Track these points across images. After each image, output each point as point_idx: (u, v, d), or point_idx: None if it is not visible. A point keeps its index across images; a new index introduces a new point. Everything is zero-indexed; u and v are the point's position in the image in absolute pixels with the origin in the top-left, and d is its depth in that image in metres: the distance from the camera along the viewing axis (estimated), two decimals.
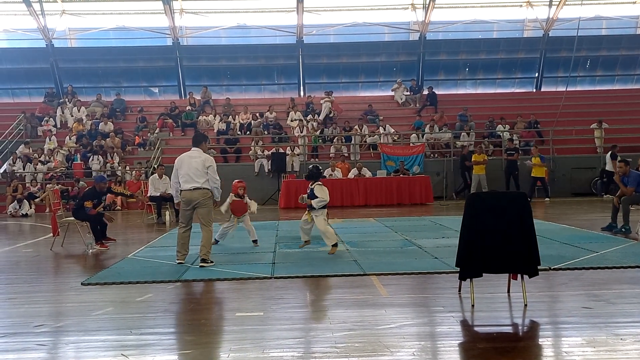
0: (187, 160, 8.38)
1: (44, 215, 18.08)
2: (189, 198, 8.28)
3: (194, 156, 8.39)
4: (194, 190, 8.24)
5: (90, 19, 26.54)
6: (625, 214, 11.02)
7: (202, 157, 8.39)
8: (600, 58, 27.92)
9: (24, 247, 11.41)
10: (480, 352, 4.65)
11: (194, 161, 8.31)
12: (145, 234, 12.99)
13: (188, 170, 8.28)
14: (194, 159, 8.34)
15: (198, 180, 8.24)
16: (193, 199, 8.26)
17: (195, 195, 8.24)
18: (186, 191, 8.28)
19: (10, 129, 23.16)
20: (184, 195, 8.33)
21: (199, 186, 8.25)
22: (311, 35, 26.98)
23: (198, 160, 8.30)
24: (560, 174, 21.05)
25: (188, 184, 8.26)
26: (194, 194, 8.24)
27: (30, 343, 5.09)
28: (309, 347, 4.84)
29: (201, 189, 8.26)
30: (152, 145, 22.29)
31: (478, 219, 5.90)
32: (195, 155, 8.39)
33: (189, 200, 8.29)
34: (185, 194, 8.30)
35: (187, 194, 8.28)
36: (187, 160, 8.37)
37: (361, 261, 8.36)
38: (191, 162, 8.31)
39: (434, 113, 24.54)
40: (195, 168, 8.25)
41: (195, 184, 8.24)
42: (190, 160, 8.35)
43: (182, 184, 8.34)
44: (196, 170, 8.24)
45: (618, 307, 5.82)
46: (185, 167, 8.32)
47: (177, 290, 6.96)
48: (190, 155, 8.42)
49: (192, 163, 8.30)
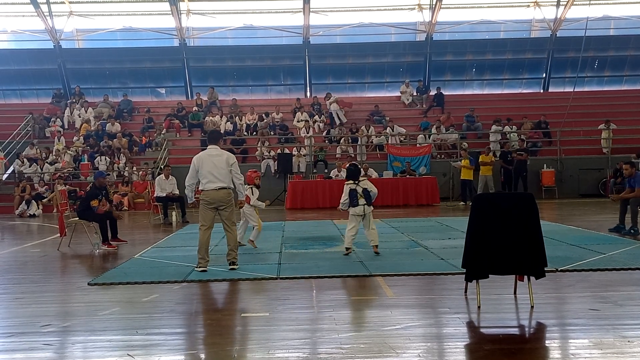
0: (208, 159, 7.96)
1: (51, 215, 18.15)
2: (215, 198, 7.88)
3: (214, 154, 8.00)
4: (220, 190, 7.87)
5: (97, 20, 26.66)
6: (634, 215, 10.96)
7: (224, 154, 8.04)
8: (608, 58, 27.78)
9: (31, 247, 11.46)
10: (487, 354, 4.63)
11: (217, 159, 7.91)
12: (152, 234, 13.02)
13: (211, 169, 7.86)
14: (216, 157, 7.95)
15: (223, 180, 7.88)
16: (218, 199, 7.88)
17: (220, 195, 7.88)
18: (211, 191, 7.88)
19: (18, 130, 23.27)
20: (208, 195, 7.91)
21: (224, 186, 7.90)
22: (317, 35, 27.00)
23: (221, 159, 7.93)
24: (567, 175, 20.98)
25: (212, 184, 7.87)
26: (219, 194, 7.87)
27: (37, 343, 5.11)
28: (314, 348, 4.84)
29: (226, 188, 7.92)
30: (158, 145, 22.34)
31: (484, 220, 5.87)
32: (216, 154, 8.01)
33: (215, 200, 7.89)
34: (210, 194, 7.90)
35: (212, 194, 7.88)
36: (208, 159, 7.95)
37: (367, 262, 8.35)
38: (213, 161, 7.91)
39: (440, 114, 24.50)
40: (220, 167, 7.87)
41: (220, 184, 7.87)
42: (211, 158, 7.94)
43: (204, 184, 7.92)
44: (220, 169, 7.87)
45: (626, 309, 5.78)
46: (208, 166, 7.89)
47: (183, 291, 6.96)
48: (211, 154, 8.02)
49: (214, 162, 7.90)
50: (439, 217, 14.66)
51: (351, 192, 8.80)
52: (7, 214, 18.99)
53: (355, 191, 8.79)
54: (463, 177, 18.82)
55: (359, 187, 8.81)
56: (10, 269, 9.06)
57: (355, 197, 8.77)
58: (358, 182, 8.87)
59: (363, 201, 8.77)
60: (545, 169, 20.72)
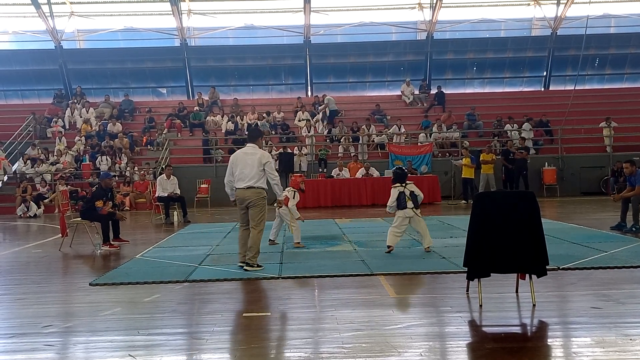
0: (242, 157, 7.96)
1: (52, 216, 18.15)
2: (242, 197, 7.91)
3: (249, 153, 7.97)
4: (247, 189, 7.85)
5: (98, 21, 26.68)
6: (635, 213, 10.95)
7: (258, 153, 7.97)
8: (608, 56, 27.76)
9: (33, 247, 11.47)
10: (489, 352, 4.62)
11: (250, 158, 7.89)
12: (154, 234, 13.03)
13: (243, 168, 7.89)
14: (250, 155, 7.92)
15: (252, 179, 7.84)
16: (246, 198, 7.88)
17: (248, 194, 7.85)
18: (240, 189, 7.90)
19: (19, 130, 23.30)
20: (237, 193, 7.95)
21: (253, 185, 7.84)
22: (318, 35, 27.00)
23: (254, 158, 7.88)
24: (569, 173, 20.96)
25: (242, 183, 7.88)
26: (246, 193, 7.86)
27: (38, 343, 5.11)
28: (316, 348, 4.83)
29: (255, 187, 7.85)
30: (160, 145, 22.36)
31: (486, 218, 5.87)
32: (250, 152, 7.97)
33: (242, 199, 7.91)
34: (239, 192, 7.93)
35: (241, 193, 7.90)
36: (242, 158, 7.95)
37: (369, 261, 8.34)
38: (246, 160, 7.90)
39: (441, 112, 24.48)
40: (251, 166, 7.84)
41: (248, 183, 7.84)
42: (245, 157, 7.94)
43: (236, 182, 7.96)
44: (251, 169, 7.83)
45: (628, 307, 5.77)
46: (241, 164, 7.92)
47: (185, 291, 6.96)
48: (246, 152, 8.01)
49: (247, 160, 7.89)
50: (441, 216, 14.64)
51: (400, 195, 8.97)
52: (8, 215, 19.01)
53: (404, 194, 8.97)
54: (464, 175, 18.80)
55: (406, 190, 9.00)
56: (12, 269, 9.07)
57: (404, 200, 8.94)
58: (405, 184, 9.07)
59: (411, 204, 8.93)
60: (547, 167, 20.72)
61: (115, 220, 11.00)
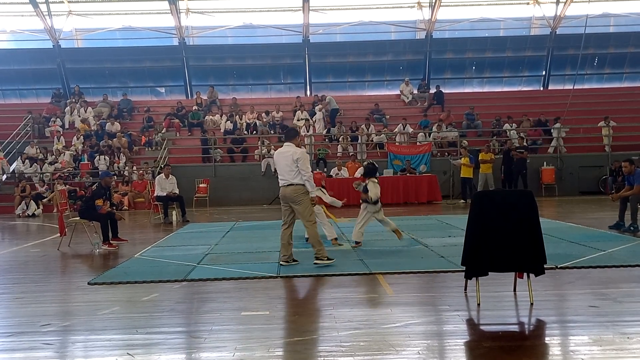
0: (279, 156, 8.22)
1: (51, 215, 18.16)
2: (283, 195, 8.12)
3: (284, 152, 8.17)
4: (287, 187, 8.04)
5: (96, 20, 26.66)
6: (633, 212, 10.95)
7: (291, 150, 8.11)
8: (608, 56, 27.76)
9: (31, 247, 11.47)
10: (486, 351, 4.63)
11: (285, 156, 8.09)
12: (152, 233, 13.02)
13: (281, 166, 8.14)
14: (285, 154, 8.12)
15: (289, 176, 8.02)
16: (286, 196, 8.06)
17: (288, 192, 8.04)
18: (281, 188, 8.13)
19: (17, 130, 23.28)
20: (280, 192, 8.17)
21: (291, 182, 8.00)
22: (317, 34, 26.99)
23: (287, 155, 8.07)
24: (567, 173, 20.97)
25: (282, 181, 8.11)
26: (286, 191, 8.05)
27: (37, 342, 5.11)
28: (315, 346, 4.84)
29: (294, 185, 8.00)
30: (158, 145, 22.35)
31: (484, 217, 5.87)
32: (285, 151, 8.15)
33: (284, 196, 8.11)
34: (281, 190, 8.15)
35: (282, 191, 8.12)
36: (280, 157, 8.21)
37: (367, 260, 8.35)
38: (282, 158, 8.13)
39: (440, 112, 24.49)
40: (285, 164, 8.05)
41: (286, 181, 8.04)
42: (281, 156, 8.17)
43: (279, 181, 8.20)
44: (285, 166, 8.04)
45: (625, 306, 5.78)
46: (279, 163, 8.20)
47: (184, 290, 6.97)
48: (281, 151, 8.24)
49: (283, 159, 8.11)
50: (439, 215, 14.66)
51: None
52: (7, 214, 19.00)
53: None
54: (463, 175, 18.80)
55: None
56: (11, 268, 9.07)
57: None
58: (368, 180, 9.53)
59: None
60: (545, 166, 20.72)
61: (114, 219, 11.01)
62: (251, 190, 20.41)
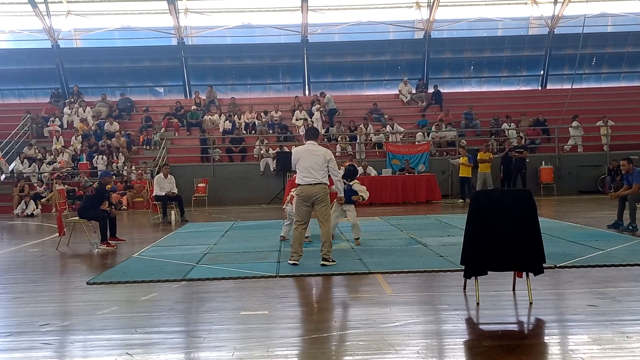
0: (306, 153, 8.04)
1: (50, 215, 18.14)
2: (308, 193, 7.93)
3: (312, 149, 8.06)
4: (315, 185, 7.90)
5: (95, 19, 26.66)
6: (632, 211, 10.97)
7: (322, 150, 8.11)
8: (606, 55, 27.81)
9: (30, 246, 11.45)
10: (486, 350, 4.63)
11: (315, 155, 7.98)
12: (151, 233, 13.01)
13: (309, 163, 7.94)
14: (314, 152, 8.01)
15: (319, 175, 7.92)
16: (313, 194, 7.91)
17: (315, 190, 7.91)
18: (306, 186, 7.94)
19: (16, 130, 23.26)
20: (302, 190, 7.98)
21: (319, 181, 7.91)
22: (316, 34, 27.00)
23: (319, 154, 7.99)
24: (566, 172, 20.99)
25: (308, 178, 7.92)
26: (314, 189, 7.91)
27: (36, 342, 5.10)
28: (313, 346, 4.84)
29: (321, 183, 7.93)
30: (157, 145, 22.35)
31: (483, 216, 5.87)
32: (314, 149, 8.06)
33: (309, 195, 7.93)
34: (304, 188, 7.96)
35: (307, 189, 7.93)
36: (306, 154, 8.02)
37: (366, 259, 8.35)
38: (311, 156, 7.98)
39: (439, 111, 24.50)
40: (316, 162, 7.92)
41: (315, 179, 7.91)
42: (308, 154, 8.02)
43: (301, 178, 8.00)
44: (316, 165, 7.92)
45: (624, 305, 5.79)
46: (305, 160, 7.98)
47: (182, 289, 6.96)
48: (308, 149, 8.09)
49: (312, 157, 7.97)
50: (438, 215, 14.66)
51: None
52: (6, 214, 18.98)
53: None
54: (462, 174, 18.81)
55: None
56: (9, 268, 9.05)
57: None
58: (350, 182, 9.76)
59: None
60: (544, 165, 20.72)
61: (113, 219, 11.01)
62: (250, 190, 20.42)
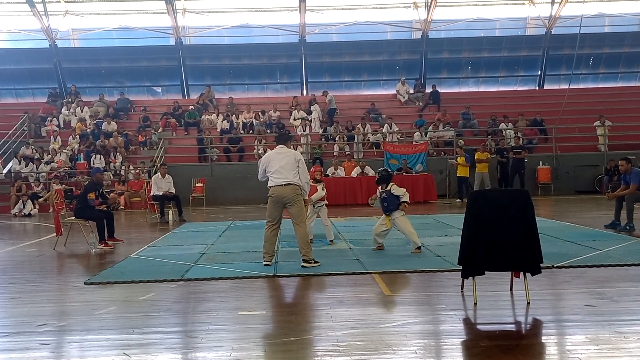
0: (277, 156, 8.14)
1: (47, 215, 18.11)
2: (280, 194, 7.97)
3: (283, 152, 8.17)
4: (286, 186, 7.95)
5: (93, 19, 26.62)
6: (629, 211, 10.99)
7: (292, 152, 8.24)
8: (603, 55, 27.86)
9: (27, 246, 11.44)
10: (483, 350, 4.63)
11: (286, 156, 8.08)
12: (149, 233, 13.01)
13: (280, 164, 8.02)
14: (284, 154, 8.13)
15: (289, 175, 7.97)
16: (284, 195, 7.95)
17: (286, 191, 7.94)
18: (277, 187, 7.98)
19: (14, 130, 23.22)
20: (274, 191, 8.01)
21: (290, 181, 7.95)
22: (314, 34, 27.01)
23: (290, 155, 8.12)
24: (563, 172, 21.02)
25: (279, 179, 7.98)
26: (285, 190, 7.95)
27: (33, 342, 5.09)
28: (311, 346, 4.84)
29: (292, 184, 7.97)
30: (155, 144, 22.33)
31: (480, 216, 5.87)
32: (284, 151, 8.18)
33: (280, 196, 7.97)
34: (276, 189, 7.99)
35: (279, 190, 7.97)
36: (277, 157, 8.13)
37: (364, 259, 8.35)
38: (282, 158, 8.08)
39: (436, 111, 24.52)
40: (287, 162, 8.01)
41: (286, 179, 7.95)
42: (279, 156, 8.13)
43: (273, 180, 8.04)
44: (287, 165, 8.00)
45: (621, 305, 5.79)
46: (276, 162, 8.06)
47: (180, 289, 6.96)
48: (279, 152, 8.20)
49: (283, 158, 8.06)
50: (436, 215, 14.68)
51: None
52: (3, 214, 18.95)
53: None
54: (459, 174, 18.83)
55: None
56: (6, 268, 9.04)
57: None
58: (386, 186, 9.43)
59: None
60: (541, 165, 20.77)
61: (110, 219, 10.99)
62: (247, 190, 20.36)
